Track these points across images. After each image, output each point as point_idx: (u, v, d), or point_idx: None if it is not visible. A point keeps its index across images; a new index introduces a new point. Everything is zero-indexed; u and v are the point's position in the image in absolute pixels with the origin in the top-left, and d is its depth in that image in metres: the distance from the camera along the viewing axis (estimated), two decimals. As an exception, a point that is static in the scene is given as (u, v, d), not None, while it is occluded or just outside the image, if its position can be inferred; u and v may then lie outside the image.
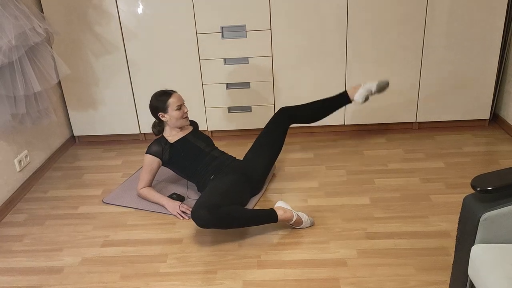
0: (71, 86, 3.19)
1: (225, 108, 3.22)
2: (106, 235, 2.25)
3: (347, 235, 2.13)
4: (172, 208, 2.38)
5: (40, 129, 2.97)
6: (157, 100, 2.43)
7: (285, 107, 2.63)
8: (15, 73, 2.36)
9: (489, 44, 2.97)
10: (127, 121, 3.29)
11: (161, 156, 2.46)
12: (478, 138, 3.09)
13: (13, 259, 2.11)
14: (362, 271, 1.89)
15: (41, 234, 2.30)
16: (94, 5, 2.94)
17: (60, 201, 2.60)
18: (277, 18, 2.95)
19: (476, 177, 1.44)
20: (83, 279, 1.95)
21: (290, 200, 2.45)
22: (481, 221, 1.37)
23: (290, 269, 1.93)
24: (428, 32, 2.95)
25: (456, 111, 3.17)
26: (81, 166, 3.04)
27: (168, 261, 2.03)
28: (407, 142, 3.08)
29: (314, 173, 2.73)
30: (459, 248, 1.50)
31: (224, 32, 3.00)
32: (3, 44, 2.21)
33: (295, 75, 3.11)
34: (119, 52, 3.08)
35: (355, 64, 3.06)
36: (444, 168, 2.71)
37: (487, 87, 3.09)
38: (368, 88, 2.55)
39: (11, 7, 2.28)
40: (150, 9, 2.95)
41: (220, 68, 3.10)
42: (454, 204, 2.33)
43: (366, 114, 3.20)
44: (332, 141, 3.17)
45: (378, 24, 2.94)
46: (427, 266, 1.90)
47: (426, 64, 3.04)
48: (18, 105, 2.44)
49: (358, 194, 2.48)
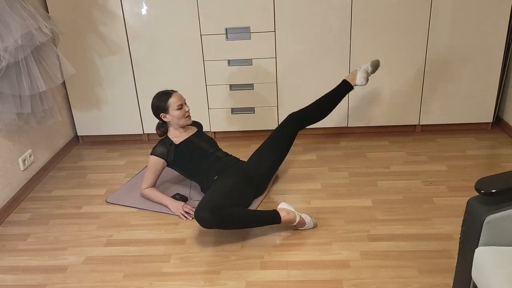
0: (75, 86, 3.20)
1: (229, 109, 3.23)
2: (110, 234, 2.26)
3: (350, 237, 2.13)
4: (176, 208, 2.39)
5: (44, 129, 2.99)
6: (158, 100, 2.45)
7: (293, 112, 2.63)
8: (20, 73, 2.37)
9: (493, 47, 2.97)
10: (131, 122, 3.30)
11: (166, 157, 2.47)
12: (481, 141, 3.09)
13: (17, 257, 2.12)
14: (364, 273, 1.89)
15: (45, 233, 2.31)
16: (99, 6, 2.96)
17: (64, 200, 2.62)
18: (281, 20, 2.96)
19: (480, 179, 1.44)
20: (86, 278, 1.96)
21: (293, 202, 2.46)
22: (484, 224, 1.38)
23: (293, 270, 1.93)
24: (431, 35, 2.96)
25: (459, 114, 3.18)
26: (85, 166, 3.05)
27: (172, 261, 2.04)
28: (409, 145, 3.08)
29: (317, 175, 2.74)
30: (462, 250, 1.50)
31: (228, 33, 3.01)
32: (10, 43, 2.23)
33: (298, 77, 3.12)
34: (123, 53, 3.09)
35: (358, 66, 3.06)
36: (446, 171, 2.71)
37: (490, 90, 3.09)
38: (365, 70, 2.60)
39: (18, 7, 2.30)
40: (155, 10, 2.97)
41: (224, 69, 3.11)
42: (456, 207, 2.34)
43: (369, 117, 3.21)
44: (335, 143, 3.18)
45: (382, 27, 2.95)
46: (430, 269, 1.90)
47: (430, 67, 3.05)
48: (23, 105, 2.45)
49: (360, 196, 2.48)
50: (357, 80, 2.59)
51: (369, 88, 3.12)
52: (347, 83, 2.63)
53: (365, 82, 2.58)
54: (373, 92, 3.14)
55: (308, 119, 2.62)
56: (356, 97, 3.15)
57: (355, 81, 2.61)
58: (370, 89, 3.13)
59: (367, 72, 2.60)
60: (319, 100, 2.64)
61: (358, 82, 2.59)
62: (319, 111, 2.62)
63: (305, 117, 2.61)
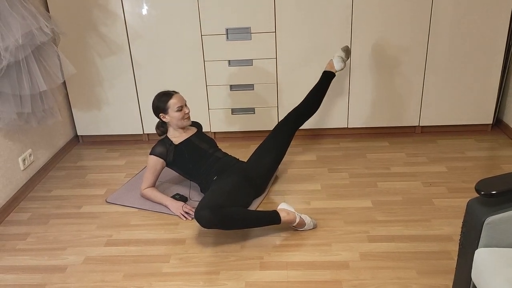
0: (75, 86, 3.20)
1: (229, 110, 3.24)
2: (109, 234, 2.26)
3: (350, 238, 2.13)
4: (175, 208, 2.39)
5: (45, 128, 2.99)
6: (159, 101, 2.45)
7: (289, 112, 2.67)
8: (21, 72, 2.37)
9: (493, 48, 2.97)
10: (131, 122, 3.30)
11: (165, 157, 2.47)
12: (481, 142, 3.09)
13: (17, 257, 2.12)
14: (364, 274, 1.89)
15: (45, 233, 2.30)
16: (99, 6, 2.96)
17: (64, 200, 2.61)
18: (281, 21, 2.96)
19: (480, 181, 1.44)
20: (86, 278, 1.96)
21: (293, 202, 2.46)
22: (485, 225, 1.38)
23: (292, 271, 1.93)
24: (432, 36, 2.96)
25: (459, 115, 3.18)
26: (85, 165, 3.05)
27: (171, 261, 2.04)
28: (409, 146, 3.09)
29: (316, 176, 2.74)
30: (462, 251, 1.50)
31: (229, 34, 3.01)
32: (10, 43, 2.23)
33: (299, 78, 3.12)
34: (124, 53, 3.09)
35: (359, 67, 3.07)
36: (446, 172, 2.71)
37: (490, 92, 3.09)
38: (338, 56, 2.73)
39: (18, 7, 2.30)
40: (155, 10, 2.97)
41: (224, 69, 3.11)
42: (456, 208, 2.34)
43: (369, 118, 3.21)
44: (335, 144, 3.18)
45: (383, 27, 2.95)
46: (429, 270, 1.90)
47: (430, 68, 3.05)
48: (23, 104, 2.45)
49: (360, 197, 2.48)
50: (336, 66, 2.72)
51: (369, 89, 3.13)
52: (327, 72, 2.72)
53: (344, 64, 2.73)
54: (373, 93, 3.14)
55: (302, 115, 2.67)
56: (356, 98, 3.16)
57: (334, 68, 2.72)
58: (370, 90, 3.13)
59: (342, 58, 2.73)
60: (308, 95, 2.70)
61: (337, 67, 2.72)
62: (310, 105, 2.69)
63: (298, 114, 2.66)
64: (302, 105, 2.68)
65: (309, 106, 2.68)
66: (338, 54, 2.73)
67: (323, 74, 2.72)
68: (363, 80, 3.10)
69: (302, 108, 2.67)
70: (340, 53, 2.74)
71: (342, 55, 2.73)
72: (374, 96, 3.15)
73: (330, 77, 2.72)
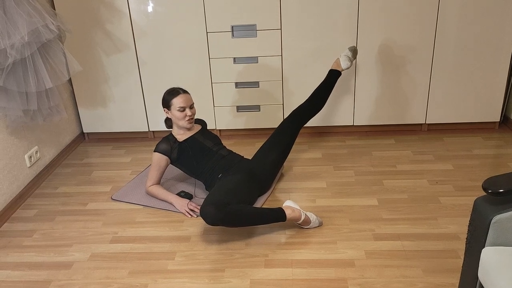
0: (81, 83, 3.21)
1: (234, 107, 3.23)
2: (115, 231, 2.26)
3: (355, 236, 2.12)
4: (180, 206, 2.39)
5: (51, 126, 3.00)
6: (167, 95, 2.48)
7: (294, 109, 2.67)
8: (27, 70, 2.38)
9: (500, 46, 2.95)
10: (136, 119, 3.31)
11: (169, 154, 2.47)
12: (488, 140, 3.07)
13: (23, 254, 2.13)
14: (369, 272, 1.89)
15: (51, 229, 2.32)
16: (105, 3, 2.96)
17: (70, 197, 2.63)
18: (287, 18, 2.95)
19: (487, 179, 1.43)
20: (91, 274, 1.96)
21: (298, 200, 2.45)
22: (492, 224, 1.37)
23: (297, 268, 1.93)
24: (439, 34, 2.94)
25: (466, 113, 3.16)
26: (91, 163, 3.06)
27: (176, 258, 2.04)
28: (416, 144, 3.07)
29: (322, 173, 2.73)
30: (469, 250, 1.49)
31: (234, 31, 3.01)
32: (16, 40, 2.24)
33: (304, 75, 3.11)
34: (129, 50, 3.09)
35: (364, 65, 3.05)
36: (453, 170, 2.69)
37: (497, 89, 3.07)
38: (345, 55, 2.72)
39: (24, 4, 2.30)
40: (161, 8, 2.97)
41: (229, 67, 3.11)
42: (463, 206, 2.32)
43: (375, 115, 3.20)
44: (341, 142, 3.17)
45: (389, 25, 2.93)
46: (435, 268, 1.89)
47: (437, 66, 3.03)
48: (29, 102, 2.46)
49: (366, 195, 2.47)
50: (342, 64, 2.71)
51: (375, 87, 3.11)
52: (333, 71, 2.72)
53: (350, 63, 2.73)
54: (379, 90, 3.12)
55: (307, 113, 2.67)
56: (362, 95, 3.14)
57: (340, 67, 2.71)
58: (376, 87, 3.11)
59: (348, 57, 2.72)
60: (313, 93, 2.70)
61: (344, 66, 2.71)
62: (315, 103, 2.68)
63: (304, 111, 2.66)
64: (307, 102, 2.67)
65: (315, 104, 2.68)
66: (345, 53, 2.73)
67: (329, 72, 2.72)
68: (369, 78, 3.09)
69: (308, 106, 2.66)
70: (347, 52, 2.74)
71: (349, 55, 2.73)
72: (380, 94, 3.13)
73: (336, 75, 2.71)
